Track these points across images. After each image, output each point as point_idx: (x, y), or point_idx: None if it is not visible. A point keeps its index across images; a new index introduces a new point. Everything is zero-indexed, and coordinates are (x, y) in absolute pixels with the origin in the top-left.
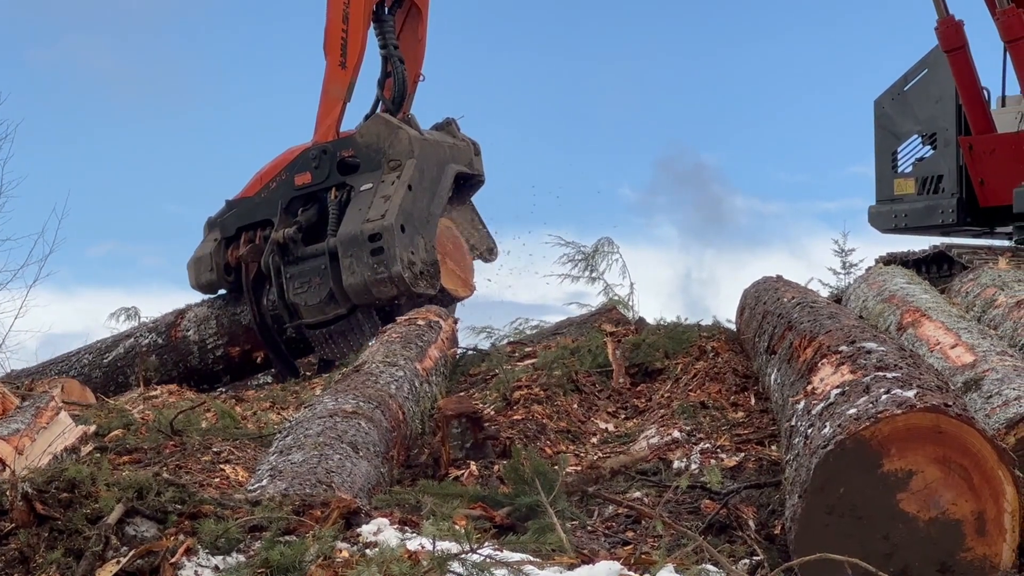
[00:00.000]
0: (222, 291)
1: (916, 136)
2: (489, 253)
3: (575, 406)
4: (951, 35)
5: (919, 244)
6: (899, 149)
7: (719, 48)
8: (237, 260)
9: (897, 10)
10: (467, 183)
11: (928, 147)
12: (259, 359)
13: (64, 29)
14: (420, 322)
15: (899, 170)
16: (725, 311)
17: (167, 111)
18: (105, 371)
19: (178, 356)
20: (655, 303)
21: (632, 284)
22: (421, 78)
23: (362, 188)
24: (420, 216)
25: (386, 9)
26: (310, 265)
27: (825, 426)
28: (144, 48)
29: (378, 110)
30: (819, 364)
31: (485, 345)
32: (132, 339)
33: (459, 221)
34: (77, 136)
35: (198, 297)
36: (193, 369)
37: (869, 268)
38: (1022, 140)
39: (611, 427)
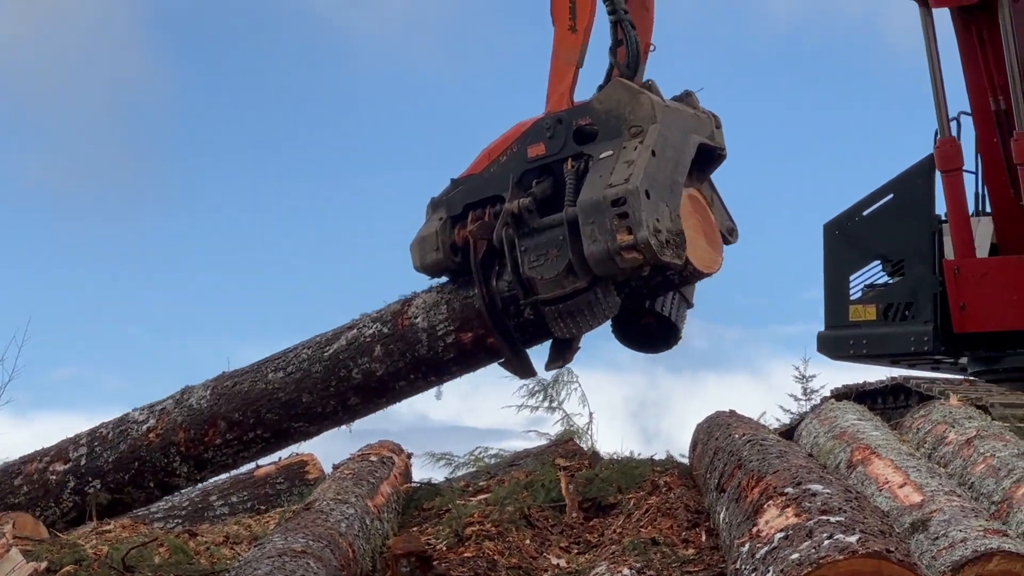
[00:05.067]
0: (443, 278)
1: (876, 262)
2: (729, 234)
3: (527, 541)
4: (951, 156)
5: (875, 374)
6: (854, 275)
7: None
8: (465, 238)
9: (849, 144)
10: (708, 157)
11: (888, 273)
12: (494, 344)
13: None
14: (373, 458)
15: (852, 296)
16: (684, 437)
17: (126, 234)
18: (326, 365)
19: (405, 345)
20: (611, 427)
21: (591, 413)
22: (652, 48)
23: (601, 156)
24: (664, 184)
25: None
26: (547, 236)
27: (768, 571)
28: (96, 165)
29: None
30: (765, 506)
31: (446, 471)
32: (355, 330)
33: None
34: (34, 258)
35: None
36: (421, 359)
37: (820, 402)
38: (1021, 265)
39: (563, 563)
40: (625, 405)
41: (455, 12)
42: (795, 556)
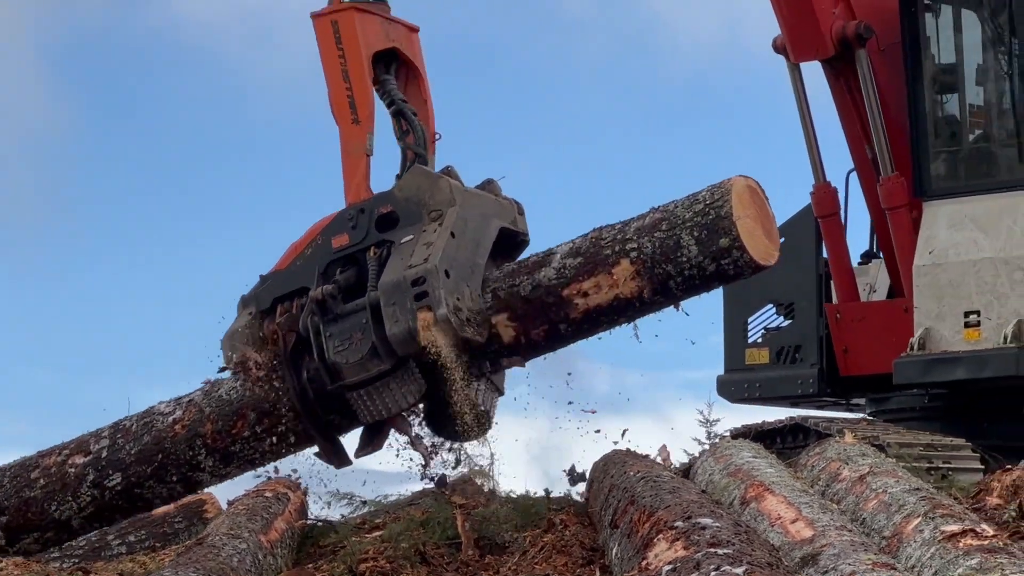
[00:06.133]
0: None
1: (770, 305)
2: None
3: None
4: (827, 201)
5: (775, 414)
6: (750, 319)
7: None
8: (274, 331)
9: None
10: (511, 243)
11: (782, 316)
12: (537, 336)
13: None
14: (268, 494)
15: (750, 339)
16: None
17: (21, 273)
18: None
19: None
20: (517, 471)
21: (492, 455)
22: (438, 136)
23: (403, 241)
24: (464, 264)
25: (382, 70)
26: (351, 321)
27: None
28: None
29: (408, 163)
30: (654, 540)
31: (347, 511)
32: None
33: None
34: None
35: None
36: None
37: (717, 441)
38: (894, 308)
39: None
40: (527, 449)
41: None
42: None
